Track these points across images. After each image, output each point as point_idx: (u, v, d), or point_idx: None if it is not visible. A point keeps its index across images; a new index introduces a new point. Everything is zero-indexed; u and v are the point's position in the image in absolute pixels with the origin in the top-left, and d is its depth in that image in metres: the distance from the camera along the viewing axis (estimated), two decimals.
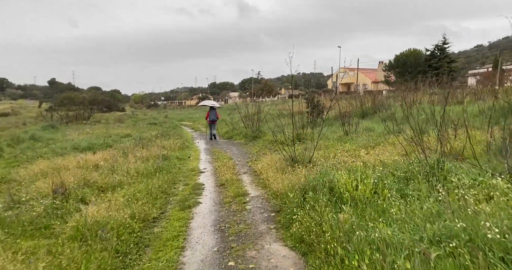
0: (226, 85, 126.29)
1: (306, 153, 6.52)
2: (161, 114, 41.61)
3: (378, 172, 3.61)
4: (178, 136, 13.14)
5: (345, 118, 10.60)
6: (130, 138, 13.61)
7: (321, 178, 3.89)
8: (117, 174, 6.72)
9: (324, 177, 3.86)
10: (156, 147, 10.11)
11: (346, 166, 4.72)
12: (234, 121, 16.96)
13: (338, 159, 5.67)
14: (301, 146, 9.48)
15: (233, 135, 14.28)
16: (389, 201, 2.99)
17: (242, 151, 10.49)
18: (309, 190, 3.60)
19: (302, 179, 4.48)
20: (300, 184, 3.95)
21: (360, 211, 2.94)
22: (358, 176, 3.54)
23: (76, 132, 15.08)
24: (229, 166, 7.66)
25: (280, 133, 11.64)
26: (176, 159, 8.88)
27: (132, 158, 8.53)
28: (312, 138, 10.03)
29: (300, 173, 4.98)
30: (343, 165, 4.86)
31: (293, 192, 3.92)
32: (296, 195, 3.74)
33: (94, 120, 27.29)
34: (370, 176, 3.46)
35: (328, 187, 3.54)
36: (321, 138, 9.61)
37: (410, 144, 6.04)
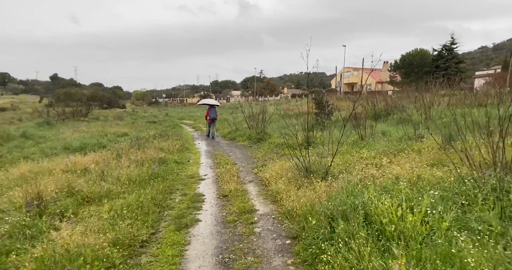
0: (228, 83, 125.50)
1: (321, 161, 5.72)
2: (161, 112, 40.84)
3: (426, 194, 2.82)
4: (177, 136, 12.36)
5: (358, 120, 9.78)
6: (127, 137, 12.83)
7: (349, 199, 3.10)
8: (106, 181, 5.94)
9: (354, 198, 3.07)
10: (153, 149, 9.33)
11: (376, 181, 3.93)
12: (237, 122, 16.17)
13: (362, 170, 4.86)
14: (311, 151, 8.69)
15: (236, 136, 13.49)
16: (454, 240, 2.21)
17: (246, 154, 9.70)
18: (338, 217, 2.81)
19: (324, 197, 3.69)
20: (324, 207, 3.15)
21: (416, 255, 2.16)
22: (401, 198, 2.75)
23: (71, 130, 14.31)
24: (233, 173, 6.87)
25: (288, 136, 10.86)
26: (174, 163, 8.09)
27: (126, 161, 7.75)
28: (323, 142, 9.25)
29: (320, 188, 4.18)
30: (371, 179, 4.06)
31: (314, 217, 3.13)
32: (320, 223, 2.95)
33: (93, 117, 26.54)
34: (421, 202, 2.66)
35: (362, 214, 2.75)
36: (333, 142, 8.82)
37: (444, 152, 5.24)
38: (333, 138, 9.44)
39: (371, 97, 13.22)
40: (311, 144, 8.87)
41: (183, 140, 12.22)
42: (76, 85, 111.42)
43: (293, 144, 9.64)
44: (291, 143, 9.79)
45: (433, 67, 37.12)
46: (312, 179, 4.87)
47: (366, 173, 4.51)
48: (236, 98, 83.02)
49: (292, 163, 6.03)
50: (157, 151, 9.18)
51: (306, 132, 9.74)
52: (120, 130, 15.30)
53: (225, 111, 34.49)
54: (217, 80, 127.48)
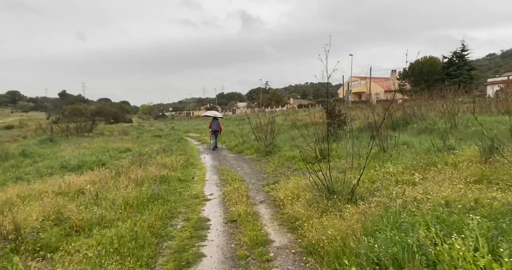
0: (233, 95, 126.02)
1: (344, 179, 4.97)
2: (167, 125, 40.54)
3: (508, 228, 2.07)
4: (182, 151, 11.73)
5: (376, 130, 9.03)
6: (130, 153, 12.25)
7: (398, 236, 2.35)
8: (100, 205, 5.27)
9: (404, 235, 2.32)
10: (155, 165, 8.68)
11: (420, 206, 3.17)
12: (244, 134, 15.51)
13: (399, 192, 4.09)
14: (326, 164, 7.94)
15: (243, 149, 12.80)
16: None
17: (255, 169, 8.97)
18: (389, 265, 2.07)
19: (358, 229, 2.94)
20: (364, 247, 2.40)
21: None
22: (475, 237, 2.01)
23: (72, 146, 13.81)
24: (241, 192, 6.14)
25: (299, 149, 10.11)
26: (177, 181, 7.40)
27: (125, 180, 7.10)
28: (339, 154, 8.48)
29: (350, 215, 3.43)
30: (414, 204, 3.30)
31: (351, 260, 2.38)
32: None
33: (98, 133, 26.22)
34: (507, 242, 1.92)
35: (424, 262, 2.00)
36: (352, 154, 8.07)
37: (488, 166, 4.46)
38: (350, 149, 8.70)
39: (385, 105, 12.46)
40: (326, 157, 8.12)
41: (187, 154, 11.56)
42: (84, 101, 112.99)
43: (307, 157, 8.92)
44: (304, 156, 9.08)
45: (444, 74, 36.27)
46: (336, 201, 4.12)
47: (404, 194, 3.74)
48: (242, 110, 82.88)
49: (310, 180, 5.28)
50: (159, 167, 8.53)
51: (321, 144, 9.03)
52: (123, 146, 14.75)
53: (231, 123, 33.96)
54: (223, 93, 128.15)
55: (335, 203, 4.04)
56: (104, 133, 27.19)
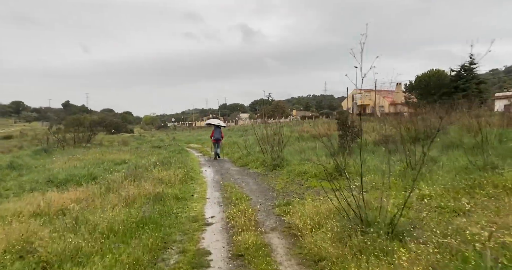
0: (236, 106, 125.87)
1: (373, 202, 4.05)
2: (169, 136, 39.77)
3: None
4: (181, 164, 10.83)
5: (397, 144, 8.14)
6: (125, 165, 11.39)
7: None
8: (78, 232, 4.36)
9: None
10: (151, 180, 7.79)
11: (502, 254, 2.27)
12: (248, 145, 14.64)
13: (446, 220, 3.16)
14: (341, 181, 7.01)
15: (248, 162, 11.89)
16: None
17: (262, 185, 8.05)
18: None
19: None
20: None
21: None
22: None
23: (65, 158, 12.97)
24: (248, 215, 5.21)
25: (310, 162, 9.19)
26: (174, 199, 6.49)
27: (115, 198, 6.21)
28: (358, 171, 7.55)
29: (406, 264, 2.50)
30: (503, 252, 2.39)
31: None
32: None
33: (97, 143, 25.43)
34: None
35: None
36: (373, 171, 7.14)
37: None
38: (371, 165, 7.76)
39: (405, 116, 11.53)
40: (343, 173, 7.20)
41: (187, 167, 10.66)
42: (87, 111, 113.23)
43: (319, 173, 7.99)
44: (316, 171, 8.15)
45: (452, 88, 35.49)
46: (375, 237, 3.19)
47: (483, 237, 2.80)
48: (245, 121, 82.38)
49: (333, 204, 4.37)
50: (155, 183, 7.64)
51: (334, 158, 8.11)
52: (120, 157, 13.91)
53: (234, 134, 33.13)
54: (225, 104, 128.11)
55: (374, 240, 3.11)
56: (103, 144, 26.41)
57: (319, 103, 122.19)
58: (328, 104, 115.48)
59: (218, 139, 14.00)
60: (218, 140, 14.02)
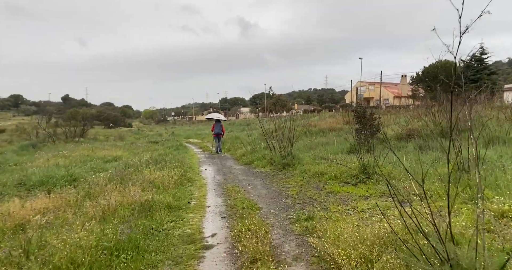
0: (237, 100, 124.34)
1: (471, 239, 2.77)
2: (167, 130, 38.53)
3: None
4: (178, 162, 9.57)
5: (419, 139, 6.86)
6: (116, 163, 10.15)
7: None
8: (23, 267, 3.12)
9: None
10: (139, 183, 6.55)
11: None
12: (253, 140, 13.36)
13: None
14: (371, 186, 5.75)
15: (253, 160, 10.64)
16: None
17: (272, 189, 6.79)
18: None
19: None
20: None
21: None
22: None
23: (50, 154, 11.72)
24: (261, 234, 3.97)
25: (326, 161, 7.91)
26: (166, 210, 5.24)
27: (92, 208, 4.97)
28: (391, 173, 6.25)
29: None
30: None
31: None
32: None
33: (91, 138, 24.19)
34: None
35: None
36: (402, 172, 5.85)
37: None
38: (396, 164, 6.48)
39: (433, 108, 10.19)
40: (372, 176, 5.93)
41: (184, 166, 9.42)
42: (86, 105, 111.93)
43: (340, 175, 6.73)
44: (336, 172, 6.89)
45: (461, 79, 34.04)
46: None
47: None
48: (246, 115, 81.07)
49: (379, 223, 3.10)
50: (144, 186, 6.40)
51: (354, 155, 6.82)
52: (111, 154, 12.67)
53: (235, 128, 31.83)
54: (226, 98, 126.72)
55: None
56: (98, 138, 25.17)
57: (320, 97, 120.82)
58: (330, 97, 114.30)
59: (219, 133, 13.77)
60: (219, 134, 13.80)
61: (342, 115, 24.03)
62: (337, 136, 14.12)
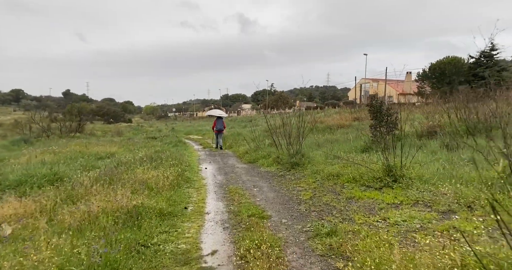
0: (238, 97, 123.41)
1: None
2: (168, 126, 37.73)
3: None
4: (176, 160, 8.74)
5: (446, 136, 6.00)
6: (108, 160, 9.34)
7: None
8: None
9: None
10: (130, 184, 5.73)
11: None
12: (256, 136, 12.51)
13: None
14: (400, 191, 4.91)
15: (257, 158, 9.82)
16: None
17: (281, 192, 5.96)
18: None
19: None
20: None
21: None
22: None
23: (38, 150, 10.92)
24: (274, 255, 3.14)
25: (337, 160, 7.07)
26: (158, 217, 4.42)
27: (69, 216, 4.16)
28: (422, 175, 5.39)
29: None
30: None
31: None
32: None
33: (88, 133, 23.41)
34: None
35: None
36: (446, 176, 4.99)
37: None
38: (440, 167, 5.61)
39: None
40: (400, 179, 5.07)
41: (183, 164, 8.59)
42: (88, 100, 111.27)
43: (360, 177, 5.89)
44: (355, 174, 6.04)
45: (470, 76, 33.02)
46: None
47: None
48: (247, 111, 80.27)
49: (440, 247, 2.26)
50: (135, 187, 5.58)
51: (374, 154, 5.97)
52: (105, 150, 11.86)
53: (237, 125, 30.97)
54: (227, 94, 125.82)
55: None
56: (95, 134, 24.40)
57: (322, 94, 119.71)
58: (332, 95, 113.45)
59: (221, 129, 13.68)
60: (220, 130, 13.70)
61: (348, 111, 23.18)
62: (346, 133, 13.28)
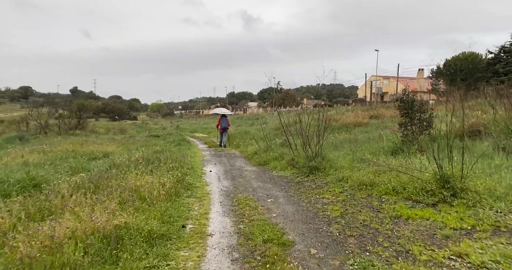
0: (244, 95, 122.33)
1: None
2: (173, 124, 36.81)
3: None
4: (176, 162, 7.66)
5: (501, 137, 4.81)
6: (100, 162, 8.32)
7: None
8: None
9: None
10: (119, 193, 4.67)
11: None
12: (265, 135, 11.37)
13: None
14: (464, 210, 3.75)
15: (269, 160, 8.71)
16: None
17: (302, 206, 4.83)
18: None
19: None
20: None
21: None
22: None
23: (27, 149, 9.95)
24: None
25: (364, 164, 5.91)
26: (145, 243, 3.34)
27: (26, 240, 3.10)
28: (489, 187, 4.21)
29: None
30: None
31: None
32: None
33: (90, 130, 22.55)
34: None
35: None
36: None
37: None
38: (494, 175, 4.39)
39: None
40: (461, 193, 3.90)
41: (184, 167, 7.53)
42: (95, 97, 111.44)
43: (403, 188, 4.75)
44: (395, 184, 4.89)
45: (489, 72, 31.37)
46: None
47: None
48: (253, 109, 79.22)
49: None
50: (124, 196, 4.53)
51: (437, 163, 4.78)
52: (102, 149, 10.88)
53: (244, 123, 29.88)
54: (233, 92, 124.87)
55: None
56: (97, 131, 23.56)
57: (330, 92, 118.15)
58: (339, 93, 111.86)
59: (225, 127, 13.46)
60: (225, 128, 13.47)
61: (361, 109, 21.91)
62: (365, 132, 12.09)
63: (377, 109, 17.44)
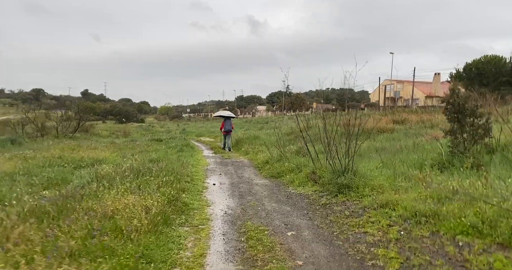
0: (253, 98, 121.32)
1: None
2: (179, 127, 35.79)
3: None
4: (173, 173, 6.34)
5: None
6: (85, 171, 7.07)
7: None
8: None
9: None
10: (86, 223, 3.38)
11: None
12: (277, 140, 9.95)
13: None
14: None
15: (283, 171, 7.34)
16: None
17: (337, 245, 3.44)
18: None
19: None
20: None
21: None
22: None
23: (7, 155, 8.80)
24: None
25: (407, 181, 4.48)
26: None
27: None
28: None
29: None
30: None
31: None
32: None
33: (92, 132, 21.58)
34: None
35: None
36: None
37: None
38: None
39: None
40: None
41: (182, 180, 6.22)
42: (105, 100, 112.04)
43: (485, 225, 3.31)
44: (473, 218, 3.45)
45: None
46: None
47: None
48: (262, 113, 78.09)
49: None
50: (92, 225, 3.23)
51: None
52: (95, 155, 9.68)
53: (252, 126, 28.59)
54: (242, 95, 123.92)
55: None
56: (99, 134, 22.59)
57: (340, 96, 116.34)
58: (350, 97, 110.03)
59: (229, 130, 13.36)
60: (229, 131, 13.39)
61: (380, 114, 20.41)
62: (392, 139, 10.64)
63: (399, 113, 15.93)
